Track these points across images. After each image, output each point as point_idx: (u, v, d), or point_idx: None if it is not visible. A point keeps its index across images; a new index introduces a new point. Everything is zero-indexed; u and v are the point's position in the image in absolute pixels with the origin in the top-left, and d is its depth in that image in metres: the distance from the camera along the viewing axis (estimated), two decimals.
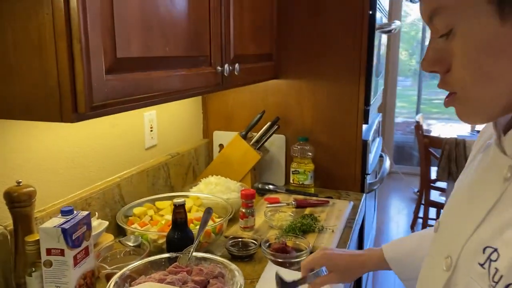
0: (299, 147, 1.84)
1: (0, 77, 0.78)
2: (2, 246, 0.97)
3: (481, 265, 0.52)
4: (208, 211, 1.15)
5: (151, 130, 1.63)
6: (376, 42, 1.83)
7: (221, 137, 1.99)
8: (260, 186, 1.82)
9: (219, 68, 1.24)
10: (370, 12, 1.73)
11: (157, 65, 0.95)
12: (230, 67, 1.30)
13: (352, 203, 1.71)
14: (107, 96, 0.80)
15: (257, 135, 1.83)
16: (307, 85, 1.86)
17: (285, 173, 1.96)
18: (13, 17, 0.74)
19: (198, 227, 1.15)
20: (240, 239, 1.33)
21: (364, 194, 1.88)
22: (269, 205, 1.63)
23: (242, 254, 1.26)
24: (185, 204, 1.13)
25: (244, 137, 1.83)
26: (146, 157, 1.62)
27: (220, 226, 1.28)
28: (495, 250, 0.50)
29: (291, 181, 1.86)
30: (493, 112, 0.55)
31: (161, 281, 0.94)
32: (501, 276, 0.48)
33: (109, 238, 1.23)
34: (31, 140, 1.12)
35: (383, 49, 2.44)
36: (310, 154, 1.83)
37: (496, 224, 0.52)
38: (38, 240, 0.97)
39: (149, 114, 1.61)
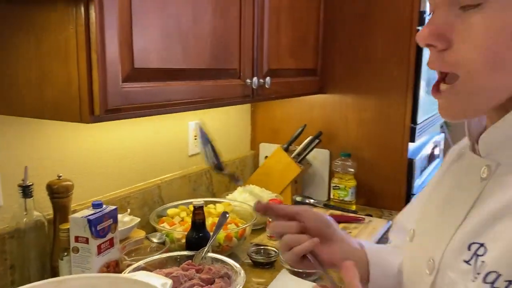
0: (340, 162, 1.83)
1: (36, 82, 0.91)
2: (41, 232, 1.10)
3: (467, 262, 0.52)
4: (224, 215, 1.21)
5: (195, 139, 1.73)
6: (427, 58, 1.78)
7: (267, 149, 2.05)
8: (298, 199, 1.84)
9: (248, 80, 1.30)
10: (419, 28, 1.70)
11: (176, 76, 1.04)
12: (261, 80, 1.36)
13: (390, 222, 1.66)
14: (122, 102, 0.90)
15: (298, 149, 1.86)
16: (353, 101, 1.86)
17: (328, 188, 1.95)
18: (48, 31, 0.87)
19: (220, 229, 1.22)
20: (263, 247, 1.36)
21: None
22: None
23: (262, 261, 1.30)
24: (203, 206, 1.20)
25: (286, 149, 1.87)
26: (189, 163, 1.73)
27: (242, 231, 1.33)
28: (482, 245, 0.51)
29: (332, 196, 1.85)
30: (485, 107, 0.54)
31: (168, 274, 1.01)
32: (489, 270, 0.49)
33: (140, 234, 1.33)
34: (76, 140, 1.26)
35: None
36: (352, 170, 1.82)
37: (478, 221, 0.53)
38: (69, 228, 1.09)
39: (194, 124, 1.72)
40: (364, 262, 0.78)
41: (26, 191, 1.06)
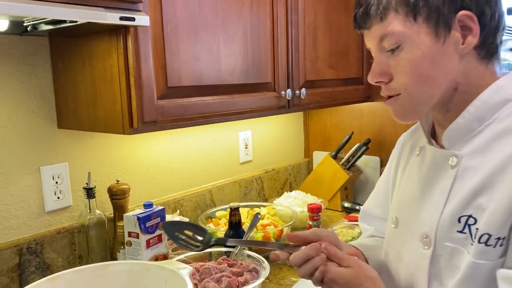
0: None
1: (91, 101, 1.11)
2: (102, 228, 1.30)
3: (460, 231, 0.68)
4: (256, 216, 1.32)
5: (246, 147, 1.87)
6: None
7: (320, 156, 2.12)
8: (347, 205, 1.88)
9: (283, 92, 1.41)
10: None
11: (209, 91, 1.18)
12: (297, 92, 1.46)
13: None
14: (157, 116, 1.06)
15: (346, 156, 1.91)
16: None
17: None
18: (97, 59, 1.07)
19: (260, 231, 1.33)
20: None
21: None
22: (346, 222, 1.70)
23: None
24: (239, 207, 1.32)
25: (335, 157, 1.93)
26: (241, 170, 1.87)
27: (279, 232, 1.43)
28: (470, 216, 0.68)
29: None
30: (426, 109, 0.74)
31: (201, 266, 1.15)
32: (482, 233, 0.65)
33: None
34: (133, 149, 1.46)
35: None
36: None
37: (461, 198, 0.69)
38: None
39: (244, 134, 1.86)
40: (364, 259, 0.93)
41: (89, 193, 1.27)
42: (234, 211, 1.32)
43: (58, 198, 1.29)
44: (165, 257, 1.30)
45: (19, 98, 1.17)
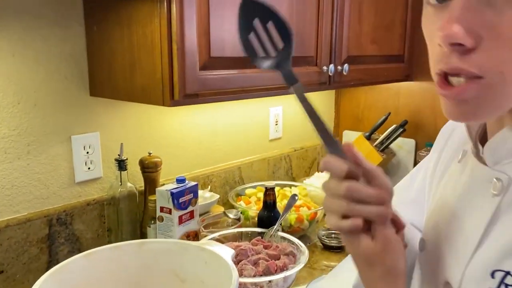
0: (426, 153, 1.77)
1: (129, 69, 1.04)
2: (133, 201, 1.26)
3: None
4: (293, 198, 1.26)
5: (276, 124, 1.80)
6: None
7: (350, 136, 2.04)
8: None
9: (325, 67, 1.33)
10: None
11: (250, 64, 1.10)
12: (339, 67, 1.37)
13: None
14: (200, 88, 0.99)
15: (381, 137, 1.83)
16: None
17: None
18: (138, 24, 1.00)
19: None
20: (334, 232, 1.40)
21: None
22: None
23: (332, 245, 1.34)
24: (274, 188, 1.26)
25: (368, 138, 1.86)
26: (270, 147, 1.80)
27: (313, 214, 1.37)
28: (508, 273, 0.47)
29: None
30: (503, 110, 0.47)
31: (237, 247, 1.10)
32: None
33: (219, 209, 1.45)
34: (165, 122, 1.40)
35: None
36: None
37: (499, 247, 0.49)
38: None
39: (275, 109, 1.78)
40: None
41: (121, 164, 1.22)
42: (270, 191, 1.27)
43: (89, 168, 1.24)
44: (196, 234, 1.26)
45: (51, 62, 1.11)
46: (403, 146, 1.91)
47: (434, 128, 1.82)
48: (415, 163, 1.88)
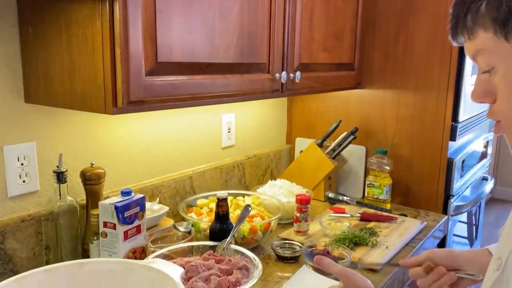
0: (376, 159, 1.79)
1: (67, 74, 0.96)
2: (73, 216, 1.17)
3: None
4: (247, 208, 1.22)
5: (229, 131, 1.76)
6: None
7: (303, 143, 2.03)
8: (331, 195, 1.82)
9: (277, 75, 1.30)
10: None
11: (201, 70, 1.06)
12: (291, 75, 1.35)
13: (424, 223, 1.61)
14: (145, 95, 0.93)
15: (332, 144, 1.84)
16: (392, 97, 1.80)
17: (363, 186, 1.92)
18: (77, 25, 0.92)
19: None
20: (288, 241, 1.37)
21: (447, 217, 1.75)
22: (332, 214, 1.63)
23: (285, 255, 1.30)
24: (227, 198, 1.22)
25: (320, 145, 1.85)
26: (222, 155, 1.75)
27: (267, 225, 1.34)
28: None
29: (366, 194, 1.82)
30: None
31: (187, 263, 1.04)
32: None
33: (169, 222, 1.38)
34: (109, 130, 1.32)
35: None
36: (387, 168, 1.77)
37: None
38: None
39: (228, 116, 1.74)
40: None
41: (60, 177, 1.13)
42: (222, 202, 1.22)
43: (24, 181, 1.14)
44: (143, 249, 1.19)
45: None
46: (354, 153, 1.92)
47: (383, 135, 1.85)
48: (366, 170, 1.90)
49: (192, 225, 1.30)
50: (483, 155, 2.30)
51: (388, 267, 1.28)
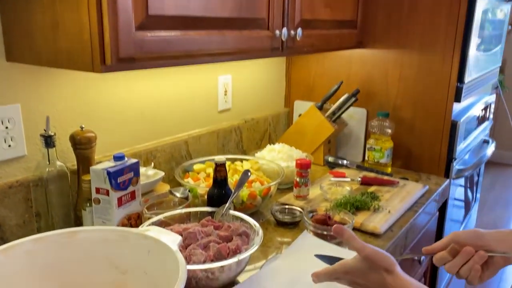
0: (377, 122, 1.73)
1: (51, 29, 0.88)
2: (64, 181, 1.11)
3: None
4: (246, 173, 1.17)
5: (225, 94, 1.69)
6: (481, 13, 1.62)
7: (302, 107, 1.97)
8: (330, 159, 1.77)
9: (277, 32, 1.22)
10: None
11: (196, 24, 0.98)
12: (292, 32, 1.27)
13: (427, 187, 1.57)
14: (136, 51, 0.86)
15: (333, 107, 1.77)
16: (395, 57, 1.73)
17: (363, 149, 1.87)
18: None
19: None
20: (287, 206, 1.33)
21: (448, 180, 1.71)
22: (332, 179, 1.59)
23: (285, 221, 1.27)
24: (225, 163, 1.16)
25: (320, 108, 1.79)
26: (219, 119, 1.69)
27: (267, 190, 1.29)
28: None
29: (367, 158, 1.77)
30: None
31: (185, 229, 1.00)
32: None
33: (165, 188, 1.33)
34: (100, 91, 1.25)
35: (505, 20, 2.13)
36: (389, 131, 1.72)
37: None
38: None
39: (224, 78, 1.66)
40: None
41: (48, 141, 1.06)
42: (220, 167, 1.16)
43: (9, 146, 1.08)
44: (138, 216, 1.14)
45: None
46: (354, 115, 1.86)
47: (385, 98, 1.78)
48: (366, 133, 1.85)
49: (189, 191, 1.26)
50: (484, 118, 2.24)
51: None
